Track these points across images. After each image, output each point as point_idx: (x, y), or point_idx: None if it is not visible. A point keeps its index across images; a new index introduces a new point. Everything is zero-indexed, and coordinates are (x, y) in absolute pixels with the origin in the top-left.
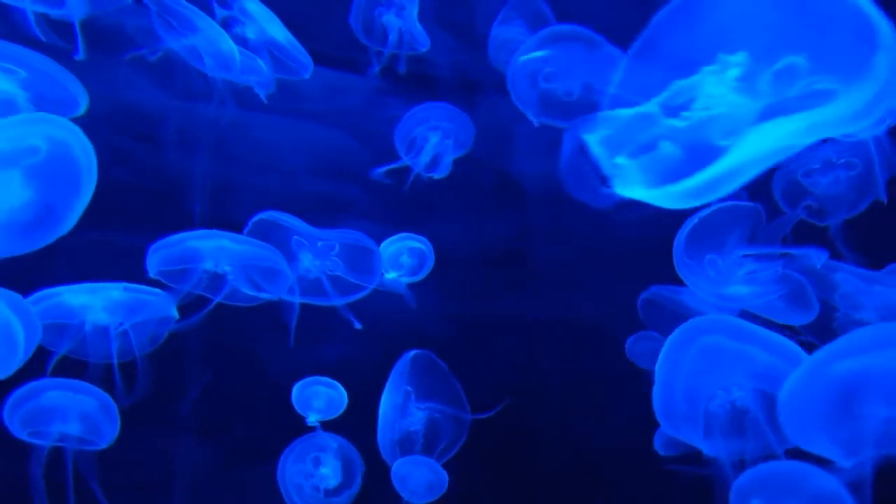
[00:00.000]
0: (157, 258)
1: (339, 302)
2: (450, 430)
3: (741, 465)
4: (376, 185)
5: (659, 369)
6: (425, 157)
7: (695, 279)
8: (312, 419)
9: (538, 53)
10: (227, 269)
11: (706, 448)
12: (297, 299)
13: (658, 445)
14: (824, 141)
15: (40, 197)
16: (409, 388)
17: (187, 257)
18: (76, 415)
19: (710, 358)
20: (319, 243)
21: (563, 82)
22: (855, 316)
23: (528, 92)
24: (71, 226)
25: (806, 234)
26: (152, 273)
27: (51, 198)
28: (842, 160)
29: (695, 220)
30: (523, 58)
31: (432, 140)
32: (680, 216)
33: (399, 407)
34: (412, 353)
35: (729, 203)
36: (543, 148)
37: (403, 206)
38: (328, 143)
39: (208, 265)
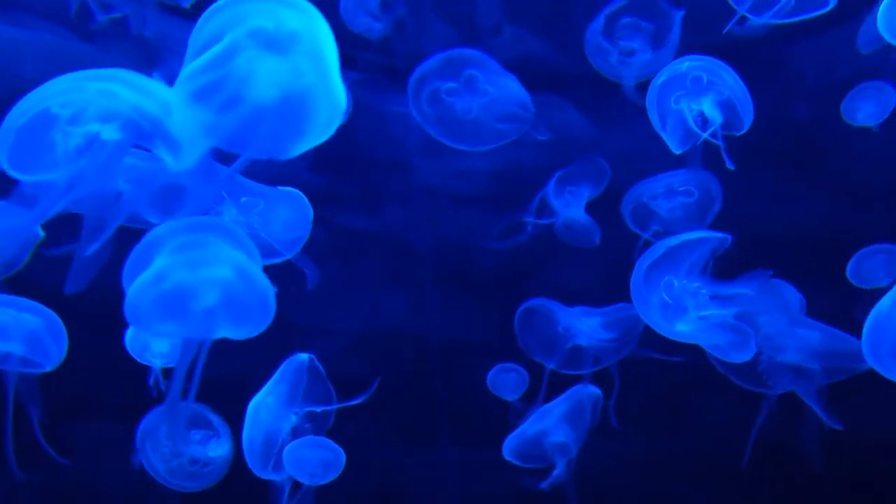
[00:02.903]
0: None
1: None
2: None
3: None
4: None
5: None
6: None
7: (647, 309)
8: (156, 364)
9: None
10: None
11: None
12: None
13: (507, 452)
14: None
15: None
16: (284, 391)
17: None
18: (20, 334)
19: None
20: (243, 198)
21: (464, 100)
22: (777, 358)
23: (429, 106)
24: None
25: None
26: None
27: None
28: (682, 188)
29: (661, 249)
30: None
31: None
32: None
33: (272, 410)
34: (295, 357)
35: (699, 234)
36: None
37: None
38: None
39: None
